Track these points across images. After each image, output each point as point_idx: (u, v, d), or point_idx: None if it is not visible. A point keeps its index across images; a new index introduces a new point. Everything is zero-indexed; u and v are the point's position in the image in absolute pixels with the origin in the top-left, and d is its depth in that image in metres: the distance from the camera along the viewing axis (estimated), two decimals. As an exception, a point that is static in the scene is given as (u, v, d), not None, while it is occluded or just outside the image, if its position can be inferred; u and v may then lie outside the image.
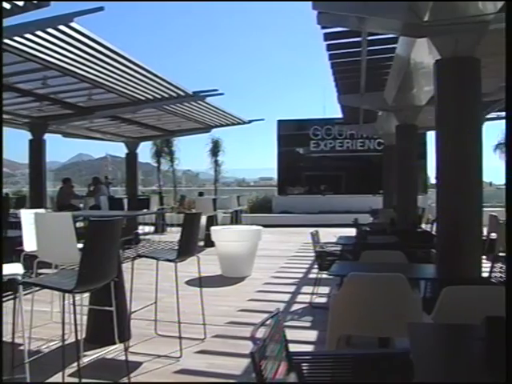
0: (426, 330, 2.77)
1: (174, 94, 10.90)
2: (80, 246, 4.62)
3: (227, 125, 15.73)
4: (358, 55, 7.86)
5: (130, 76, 9.21)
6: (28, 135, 12.78)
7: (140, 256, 5.06)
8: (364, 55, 7.70)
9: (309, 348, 4.87)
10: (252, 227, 9.16)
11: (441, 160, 5.10)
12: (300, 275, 8.70)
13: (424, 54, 5.83)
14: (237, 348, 4.90)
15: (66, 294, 3.74)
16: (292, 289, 7.63)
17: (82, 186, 24.08)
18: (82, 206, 14.01)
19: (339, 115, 15.12)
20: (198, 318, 5.42)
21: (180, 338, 4.76)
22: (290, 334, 2.49)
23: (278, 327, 2.20)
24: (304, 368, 2.38)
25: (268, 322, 2.08)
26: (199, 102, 11.71)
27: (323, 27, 6.94)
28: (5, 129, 15.82)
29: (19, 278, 4.09)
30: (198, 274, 5.22)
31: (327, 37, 7.43)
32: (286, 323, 5.44)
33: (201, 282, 5.33)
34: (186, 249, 4.88)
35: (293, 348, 2.45)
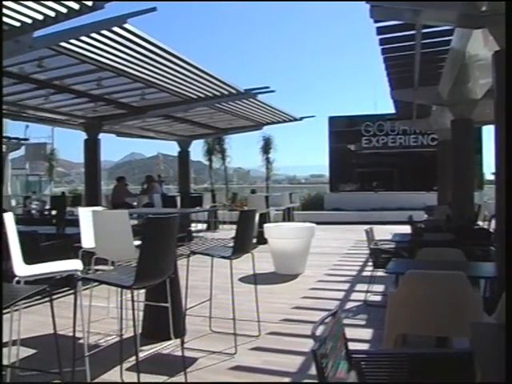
0: (491, 330, 2.66)
1: (225, 92, 10.95)
2: (136, 243, 4.70)
3: (278, 122, 15.72)
4: (411, 49, 7.70)
5: (182, 75, 9.31)
6: (83, 135, 13.10)
7: (195, 253, 5.09)
8: (418, 49, 7.54)
9: (364, 346, 4.81)
10: (305, 224, 9.11)
11: (500, 155, 4.95)
12: (353, 273, 8.60)
13: (480, 45, 5.68)
14: (291, 345, 4.88)
15: (124, 290, 3.80)
16: (346, 286, 7.55)
17: (135, 185, 24.50)
18: (135, 203, 14.24)
19: (391, 111, 14.86)
20: (252, 314, 5.43)
21: (235, 334, 4.78)
22: (345, 332, 2.45)
23: (338, 325, 2.17)
24: (364, 367, 2.34)
25: (327, 320, 2.05)
26: (251, 99, 11.74)
27: (376, 21, 6.84)
28: (61, 129, 16.28)
29: (79, 273, 4.19)
30: (253, 271, 5.23)
31: (380, 31, 7.30)
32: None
33: (255, 279, 5.33)
34: (241, 246, 4.88)
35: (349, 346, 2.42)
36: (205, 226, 16.61)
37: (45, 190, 26.50)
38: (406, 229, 8.71)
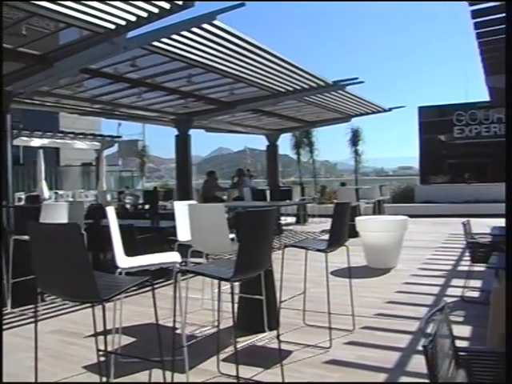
0: None
1: (314, 85, 10.88)
2: (231, 236, 4.76)
3: (367, 113, 15.46)
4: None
5: (270, 69, 9.31)
6: (172, 131, 13.45)
7: (289, 246, 5.09)
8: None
9: (463, 344, 4.64)
10: (398, 217, 8.91)
11: None
12: (448, 267, 8.31)
13: None
14: (386, 341, 4.79)
15: (221, 283, 3.85)
16: (440, 281, 7.32)
17: (223, 179, 24.85)
18: (225, 197, 14.44)
19: (484, 98, 14.22)
20: (345, 308, 5.37)
21: (330, 328, 4.74)
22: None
23: (445, 321, 2.09)
24: (472, 365, 2.24)
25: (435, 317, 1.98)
26: (339, 91, 11.60)
27: (471, 4, 6.55)
28: (151, 126, 16.76)
29: (177, 265, 4.30)
30: (347, 265, 5.17)
31: (475, 14, 7.00)
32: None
33: (350, 273, 5.27)
34: (337, 239, 4.83)
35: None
36: (294, 219, 16.62)
37: (137, 185, 27.40)
38: (501, 222, 8.31)
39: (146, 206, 13.64)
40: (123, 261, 4.08)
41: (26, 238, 6.08)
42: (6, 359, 4.54)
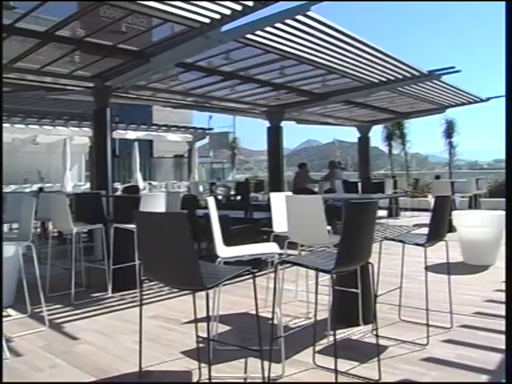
0: None
1: (408, 75, 10.60)
2: (328, 227, 4.74)
3: (463, 104, 14.91)
4: None
5: (363, 59, 9.15)
6: (262, 123, 13.59)
7: (388, 239, 5.01)
8: None
9: None
10: (498, 212, 8.54)
11: None
12: (554, 266, 7.87)
13: None
14: (487, 341, 4.59)
15: (317, 274, 3.85)
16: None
17: (313, 171, 24.76)
18: (316, 189, 14.40)
19: None
20: (441, 305, 5.23)
21: (427, 325, 4.62)
22: None
23: None
24: None
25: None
26: (434, 81, 11.25)
27: None
28: (241, 118, 16.89)
29: (277, 256, 4.33)
30: (446, 260, 5.01)
31: None
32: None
33: (449, 268, 5.11)
34: (437, 233, 4.71)
35: None
36: (385, 212, 16.31)
37: (227, 176, 27.86)
38: None
39: (238, 197, 13.83)
40: (223, 250, 4.15)
41: (127, 226, 6.36)
42: (109, 340, 4.81)
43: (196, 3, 6.30)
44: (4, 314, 5.54)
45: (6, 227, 9.43)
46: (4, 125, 14.25)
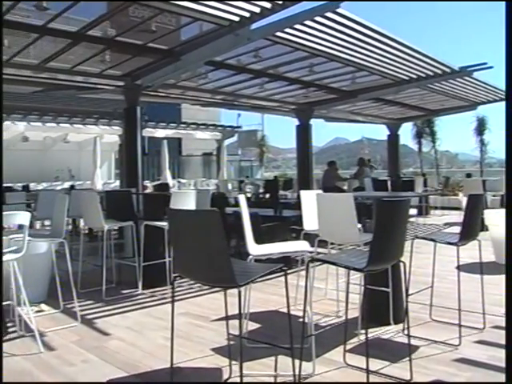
0: None
1: (438, 72, 10.46)
2: (358, 226, 4.71)
3: (494, 101, 14.64)
4: None
5: (394, 56, 9.05)
6: (291, 121, 13.54)
7: (420, 238, 4.96)
8: None
9: None
10: (530, 211, 8.38)
11: None
12: None
13: None
14: (520, 342, 4.52)
15: (349, 272, 3.83)
16: None
17: (341, 169, 24.63)
18: (345, 187, 14.32)
19: None
20: (473, 305, 5.15)
21: (459, 325, 4.56)
22: None
23: None
24: None
25: None
26: (465, 78, 11.08)
27: None
28: (269, 116, 16.85)
29: (308, 254, 4.32)
30: (479, 260, 4.94)
31: None
32: None
33: (482, 268, 5.03)
34: (470, 232, 4.64)
35: None
36: (415, 211, 16.13)
37: (256, 174, 27.86)
38: None
39: (267, 195, 13.82)
40: (254, 248, 4.15)
41: (157, 223, 6.41)
42: (140, 336, 4.86)
43: (226, 2, 6.31)
44: (37, 309, 5.66)
45: (38, 224, 9.60)
46: (36, 124, 14.53)
